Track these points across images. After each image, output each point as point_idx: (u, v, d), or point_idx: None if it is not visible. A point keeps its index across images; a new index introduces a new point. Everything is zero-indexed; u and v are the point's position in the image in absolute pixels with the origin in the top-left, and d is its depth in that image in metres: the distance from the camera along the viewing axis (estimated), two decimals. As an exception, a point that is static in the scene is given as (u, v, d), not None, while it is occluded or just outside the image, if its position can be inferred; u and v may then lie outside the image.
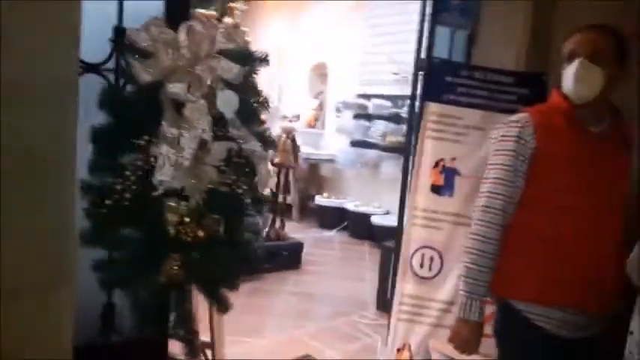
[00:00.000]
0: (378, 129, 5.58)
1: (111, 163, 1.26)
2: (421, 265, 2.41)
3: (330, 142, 6.59)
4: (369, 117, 5.80)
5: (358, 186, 6.12)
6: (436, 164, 2.44)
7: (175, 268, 1.28)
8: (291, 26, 7.36)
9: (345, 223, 5.76)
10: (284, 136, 4.14)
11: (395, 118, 5.47)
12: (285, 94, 7.49)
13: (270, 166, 4.28)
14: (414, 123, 2.62)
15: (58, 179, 1.07)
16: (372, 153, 5.70)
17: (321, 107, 6.95)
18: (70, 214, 1.10)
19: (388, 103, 5.67)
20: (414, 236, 2.41)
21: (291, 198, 6.32)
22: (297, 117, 4.19)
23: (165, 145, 1.25)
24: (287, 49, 7.40)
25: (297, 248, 4.32)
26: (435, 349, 2.38)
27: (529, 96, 2.37)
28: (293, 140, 4.18)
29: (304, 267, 4.36)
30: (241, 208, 1.41)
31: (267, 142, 1.50)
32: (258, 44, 6.40)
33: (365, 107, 5.87)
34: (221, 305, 1.43)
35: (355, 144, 5.89)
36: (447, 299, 2.36)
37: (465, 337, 1.52)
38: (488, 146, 1.66)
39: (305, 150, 6.40)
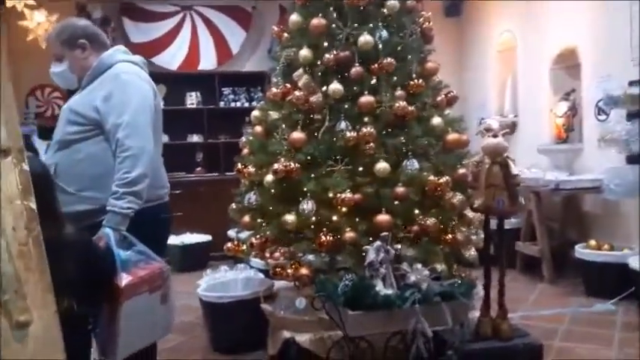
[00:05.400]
0: (677, 129, 3.30)
1: None
2: None
3: (592, 161, 4.40)
4: (655, 113, 3.55)
5: (648, 227, 3.79)
6: None
7: None
8: (522, 12, 5.48)
9: (632, 290, 3.53)
10: (487, 161, 2.44)
11: None
12: (521, 101, 5.56)
13: (470, 213, 2.61)
14: None
15: None
16: (668, 171, 3.42)
17: (574, 111, 4.82)
18: None
19: (691, 84, 3.35)
20: None
21: (539, 248, 4.35)
22: (511, 127, 2.45)
23: None
24: (519, 41, 5.56)
25: (531, 353, 2.47)
26: None
27: None
28: (505, 166, 2.44)
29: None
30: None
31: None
32: (484, 42, 4.69)
33: (646, 99, 3.63)
34: None
35: (635, 159, 3.66)
36: None
37: None
38: None
39: (554, 175, 4.39)
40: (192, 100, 6.16)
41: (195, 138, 6.14)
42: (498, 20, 5.95)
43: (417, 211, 2.54)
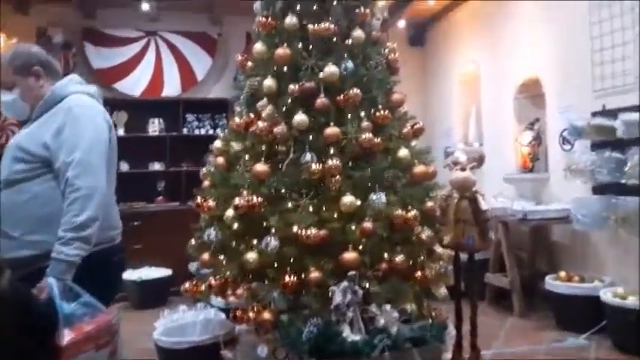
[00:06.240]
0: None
1: None
2: None
3: (559, 191, 4.42)
4: (618, 144, 3.57)
5: (616, 258, 3.78)
6: None
7: None
8: (485, 42, 5.56)
9: (603, 323, 3.48)
10: (456, 195, 2.36)
11: (671, 139, 3.16)
12: (485, 130, 5.60)
13: (439, 249, 2.51)
14: None
15: None
16: (633, 202, 3.42)
17: (539, 141, 4.85)
18: None
19: (652, 116, 3.39)
20: None
21: (508, 279, 4.29)
22: (479, 160, 2.37)
23: None
24: (482, 71, 5.62)
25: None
26: None
27: None
28: (474, 201, 2.37)
29: None
30: None
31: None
32: (448, 70, 4.70)
33: (609, 130, 3.65)
34: None
35: (601, 189, 3.67)
36: None
37: None
38: None
39: (521, 205, 4.37)
40: (154, 126, 5.99)
41: (156, 166, 5.94)
42: (461, 50, 6.02)
43: (385, 248, 2.43)
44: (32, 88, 1.95)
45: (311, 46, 2.67)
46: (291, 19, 2.64)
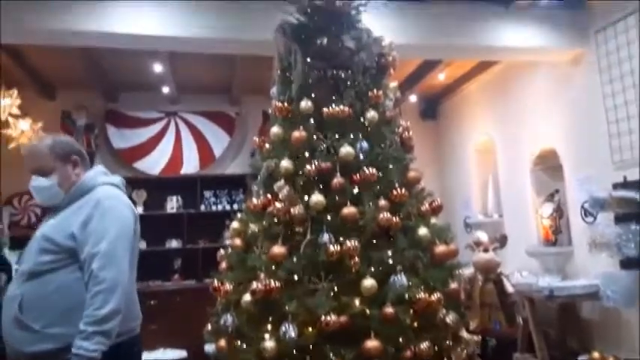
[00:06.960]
0: (669, 234, 3.21)
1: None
2: None
3: (584, 264, 4.27)
4: (644, 216, 3.48)
5: (654, 338, 3.59)
6: None
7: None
8: (498, 114, 5.62)
9: (645, 410, 3.25)
10: (480, 278, 2.27)
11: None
12: (504, 200, 5.53)
13: (465, 334, 2.40)
14: None
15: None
16: (666, 276, 3.28)
17: (560, 213, 4.76)
18: None
19: (677, 188, 3.32)
20: None
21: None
22: (502, 240, 2.31)
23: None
24: (497, 142, 5.65)
25: None
26: None
27: None
28: (498, 283, 2.27)
29: None
30: None
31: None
32: (463, 142, 4.71)
33: (633, 202, 3.58)
34: None
35: (629, 264, 3.53)
36: None
37: None
38: None
39: (546, 282, 4.20)
40: (172, 204, 6.04)
41: (174, 243, 5.93)
42: (474, 122, 6.09)
43: (408, 334, 2.32)
44: (70, 176, 2.01)
45: (326, 128, 2.71)
46: (306, 104, 2.70)
